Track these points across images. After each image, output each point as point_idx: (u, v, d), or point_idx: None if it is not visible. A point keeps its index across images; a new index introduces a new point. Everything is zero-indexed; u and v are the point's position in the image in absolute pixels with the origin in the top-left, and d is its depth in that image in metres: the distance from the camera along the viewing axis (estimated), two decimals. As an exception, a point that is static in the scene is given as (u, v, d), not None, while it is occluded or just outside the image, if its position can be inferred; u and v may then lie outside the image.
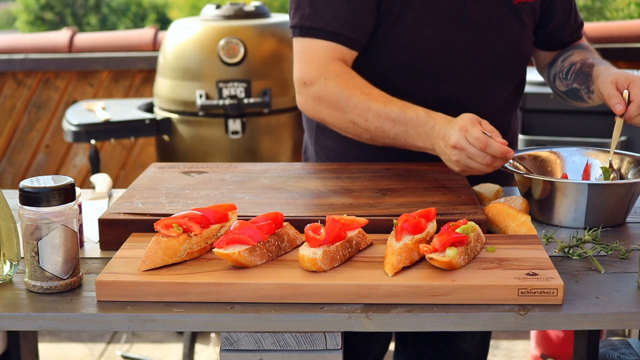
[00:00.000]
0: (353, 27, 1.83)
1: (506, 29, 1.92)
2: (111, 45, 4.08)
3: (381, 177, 1.78)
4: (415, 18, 1.84)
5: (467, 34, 1.88)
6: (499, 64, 1.93)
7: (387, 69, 1.89)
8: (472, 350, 2.11)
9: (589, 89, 1.91)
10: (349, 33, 1.82)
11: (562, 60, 2.03)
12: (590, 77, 1.91)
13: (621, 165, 1.79)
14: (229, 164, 1.92)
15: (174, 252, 1.33)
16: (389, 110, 1.75)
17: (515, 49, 1.95)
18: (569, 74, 1.99)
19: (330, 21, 1.82)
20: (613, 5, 8.95)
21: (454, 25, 1.87)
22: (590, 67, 1.93)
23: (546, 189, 1.65)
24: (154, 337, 3.60)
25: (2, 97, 4.09)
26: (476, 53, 1.89)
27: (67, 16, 14.88)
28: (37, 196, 1.29)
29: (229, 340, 1.28)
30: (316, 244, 1.32)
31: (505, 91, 1.98)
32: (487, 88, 1.94)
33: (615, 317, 1.24)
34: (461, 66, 1.90)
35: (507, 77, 1.98)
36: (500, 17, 1.90)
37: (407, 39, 1.85)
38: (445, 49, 1.87)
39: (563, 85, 2.02)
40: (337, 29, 1.81)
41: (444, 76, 1.90)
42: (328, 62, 1.81)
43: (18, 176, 4.14)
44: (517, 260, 1.34)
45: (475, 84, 1.92)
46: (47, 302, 1.29)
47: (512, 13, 1.91)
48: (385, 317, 1.23)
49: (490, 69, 1.93)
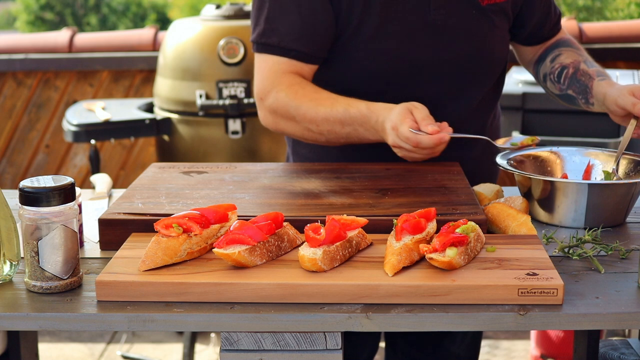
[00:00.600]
0: (307, 42, 1.84)
1: (475, 32, 1.90)
2: (111, 45, 4.08)
3: (381, 177, 1.78)
4: (376, 27, 1.83)
5: (433, 40, 1.86)
6: (469, 68, 1.92)
7: (353, 78, 1.89)
8: (462, 353, 2.10)
9: (588, 100, 1.92)
10: (303, 48, 1.84)
11: (552, 61, 2.02)
12: (589, 90, 1.91)
13: (621, 165, 1.79)
14: (229, 164, 1.92)
15: (174, 252, 1.33)
16: (335, 112, 1.80)
17: (487, 52, 1.93)
18: (561, 78, 1.98)
19: (284, 37, 1.84)
20: (613, 5, 8.96)
21: (418, 33, 1.85)
22: (588, 78, 1.92)
23: (546, 189, 1.65)
24: (154, 337, 3.60)
25: (2, 97, 4.09)
26: (444, 59, 1.88)
27: (67, 16, 14.88)
28: (37, 196, 1.29)
29: (229, 340, 1.28)
30: (316, 244, 1.32)
31: (479, 93, 1.97)
32: (458, 92, 1.93)
33: (615, 317, 1.24)
34: (429, 73, 1.88)
35: (480, 80, 1.96)
36: (467, 21, 1.88)
37: (371, 48, 1.85)
38: (410, 57, 1.86)
39: (556, 88, 2.01)
40: (291, 44, 1.84)
41: (411, 84, 1.89)
42: (280, 76, 1.85)
43: (18, 176, 4.14)
44: (517, 260, 1.34)
45: (445, 89, 1.91)
46: (47, 302, 1.29)
47: (481, 15, 1.89)
48: (385, 317, 1.23)
49: (461, 74, 1.91)
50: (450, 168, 1.85)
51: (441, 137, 1.69)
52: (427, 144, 1.68)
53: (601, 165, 1.81)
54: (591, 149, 1.86)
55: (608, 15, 9.03)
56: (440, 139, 1.69)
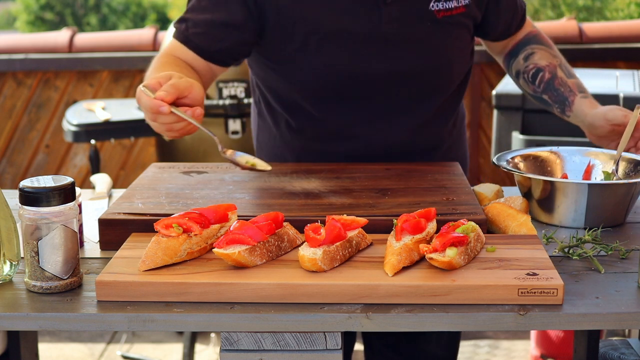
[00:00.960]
0: (210, 40, 1.82)
1: (430, 44, 1.87)
2: (111, 45, 4.08)
3: (381, 177, 1.78)
4: (326, 40, 1.82)
5: (386, 53, 1.84)
6: (425, 80, 1.90)
7: (307, 91, 1.88)
8: (440, 352, 2.09)
9: (564, 111, 1.95)
10: (202, 43, 1.82)
11: (525, 59, 2.02)
12: (568, 103, 1.93)
13: (621, 165, 1.79)
14: (229, 164, 1.92)
15: (174, 252, 1.33)
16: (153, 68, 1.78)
17: (444, 63, 1.91)
18: (536, 80, 1.98)
19: (190, 28, 1.83)
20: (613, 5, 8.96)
21: (370, 46, 1.83)
22: (568, 90, 1.94)
23: (546, 189, 1.65)
24: (154, 337, 3.60)
25: (2, 97, 4.09)
26: (398, 72, 1.86)
27: (67, 16, 14.88)
28: (37, 196, 1.29)
29: (229, 340, 1.28)
30: (316, 244, 1.32)
31: (436, 102, 1.95)
32: (414, 103, 1.92)
33: (615, 317, 1.24)
34: (382, 85, 1.87)
35: (438, 90, 1.94)
36: (422, 33, 1.86)
37: (320, 61, 1.83)
38: (362, 70, 1.84)
39: (530, 89, 2.02)
40: (193, 37, 1.82)
41: (364, 95, 1.88)
42: (166, 55, 1.82)
43: (18, 176, 4.14)
44: (517, 260, 1.34)
45: (400, 100, 1.90)
46: (47, 302, 1.29)
47: (437, 27, 1.86)
48: (385, 317, 1.23)
49: (416, 85, 1.90)
50: (450, 168, 1.86)
51: (157, 104, 1.53)
52: (144, 104, 1.55)
53: (601, 165, 1.81)
54: (591, 149, 1.86)
55: (608, 15, 9.03)
56: (157, 105, 1.52)
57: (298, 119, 1.94)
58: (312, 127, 1.94)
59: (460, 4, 1.87)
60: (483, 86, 4.02)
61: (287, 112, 1.95)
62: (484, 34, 2.03)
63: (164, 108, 1.53)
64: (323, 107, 1.90)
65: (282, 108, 1.96)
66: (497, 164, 1.76)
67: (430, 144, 1.99)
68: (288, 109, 1.95)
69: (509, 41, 2.07)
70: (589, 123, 1.88)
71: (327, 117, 1.91)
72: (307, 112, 1.91)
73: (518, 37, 2.06)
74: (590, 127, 1.88)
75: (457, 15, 1.88)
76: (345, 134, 1.92)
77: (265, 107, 2.02)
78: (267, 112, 2.02)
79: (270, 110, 2.00)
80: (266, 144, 2.06)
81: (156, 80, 1.58)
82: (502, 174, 4.01)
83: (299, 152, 1.97)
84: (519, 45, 2.05)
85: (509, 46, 2.07)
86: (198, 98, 1.59)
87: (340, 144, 1.93)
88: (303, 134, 1.96)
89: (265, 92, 1.98)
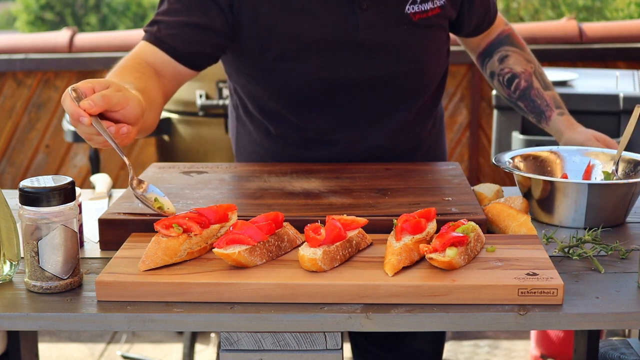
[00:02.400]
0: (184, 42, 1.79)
1: (408, 48, 1.87)
2: (111, 45, 4.08)
3: (381, 177, 1.78)
4: (302, 49, 1.81)
5: (363, 59, 1.83)
6: (403, 84, 1.90)
7: (285, 99, 1.88)
8: (427, 347, 2.09)
9: (540, 122, 2.02)
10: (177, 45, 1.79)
11: (500, 61, 2.04)
12: (545, 117, 2.00)
13: (621, 165, 1.79)
14: (229, 164, 1.92)
15: (174, 252, 1.33)
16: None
17: (422, 65, 1.91)
18: (512, 85, 2.01)
19: (163, 30, 1.79)
20: (613, 5, 8.95)
21: (346, 52, 1.82)
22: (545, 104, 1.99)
23: (546, 189, 1.65)
24: (154, 337, 3.60)
25: (2, 97, 4.09)
26: (376, 77, 1.86)
27: (67, 16, 14.88)
28: (37, 196, 1.29)
29: (229, 340, 1.28)
30: (316, 244, 1.32)
31: (415, 105, 1.95)
32: (392, 107, 1.92)
33: (615, 317, 1.24)
34: (360, 91, 1.87)
35: (416, 92, 1.94)
36: (399, 37, 1.85)
37: (298, 71, 1.83)
38: (339, 77, 1.84)
39: (504, 92, 2.05)
40: (166, 38, 1.79)
41: (342, 101, 1.88)
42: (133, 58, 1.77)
43: (18, 176, 4.14)
44: (517, 260, 1.34)
45: (378, 106, 1.90)
46: (47, 302, 1.29)
47: (413, 30, 1.85)
48: (385, 317, 1.23)
49: (396, 89, 1.90)
50: (450, 168, 1.86)
51: (79, 113, 1.39)
52: (67, 108, 1.41)
53: (601, 165, 1.81)
54: (591, 149, 1.86)
55: (608, 15, 9.02)
56: (77, 114, 1.39)
57: (277, 125, 1.94)
58: (292, 134, 1.93)
59: (435, 5, 1.87)
60: (483, 86, 4.02)
61: (266, 119, 1.95)
62: (457, 31, 2.04)
63: (84, 119, 1.40)
64: (302, 114, 1.89)
65: (261, 115, 1.95)
66: (497, 164, 1.76)
67: (411, 146, 1.99)
68: (267, 116, 1.94)
69: (482, 38, 2.09)
70: (564, 144, 1.95)
71: (307, 124, 1.90)
72: (286, 119, 1.91)
73: (491, 36, 2.08)
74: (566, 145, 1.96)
75: (433, 16, 1.87)
76: (325, 139, 1.93)
77: (244, 112, 2.01)
78: (245, 118, 2.01)
79: (249, 116, 2.00)
80: (245, 148, 2.05)
81: (90, 84, 1.44)
82: (502, 174, 4.01)
83: (280, 158, 1.97)
84: (492, 45, 2.07)
85: (483, 45, 2.09)
86: (130, 116, 1.45)
87: (320, 150, 1.93)
88: (282, 140, 1.95)
89: (245, 99, 1.98)
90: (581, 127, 1.97)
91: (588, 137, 1.92)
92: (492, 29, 2.08)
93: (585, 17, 9.16)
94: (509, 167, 1.75)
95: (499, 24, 2.09)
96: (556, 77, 3.10)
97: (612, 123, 2.91)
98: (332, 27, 1.81)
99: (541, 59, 2.33)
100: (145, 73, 1.72)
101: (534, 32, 4.08)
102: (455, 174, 1.80)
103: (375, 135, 1.93)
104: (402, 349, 2.08)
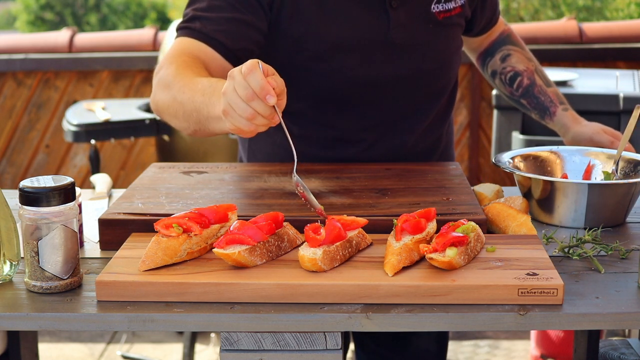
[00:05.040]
0: (231, 38, 1.77)
1: (433, 47, 1.89)
2: (111, 45, 4.08)
3: (381, 177, 1.78)
4: (335, 50, 1.81)
5: (393, 58, 1.85)
6: (429, 83, 1.92)
7: (311, 98, 1.88)
8: (432, 347, 2.09)
9: (544, 118, 2.04)
10: (225, 40, 1.77)
11: (502, 60, 2.06)
12: (549, 113, 2.01)
13: (621, 165, 1.79)
14: (229, 164, 1.92)
15: (174, 252, 1.33)
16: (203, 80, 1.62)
17: (445, 65, 1.93)
18: (514, 83, 2.03)
19: (207, 25, 1.77)
20: (613, 5, 8.95)
21: (377, 51, 1.84)
22: (549, 101, 2.01)
23: (546, 189, 1.65)
24: (154, 337, 3.60)
25: (2, 97, 4.09)
26: (403, 76, 1.87)
27: (67, 16, 14.87)
28: (37, 196, 1.29)
29: (229, 340, 1.28)
30: (316, 244, 1.32)
31: (437, 103, 1.97)
32: (418, 108, 1.93)
33: (615, 317, 1.24)
34: (389, 91, 1.88)
35: (438, 93, 1.96)
36: (426, 37, 1.87)
37: (329, 69, 1.83)
38: (369, 77, 1.85)
39: (506, 90, 2.07)
40: (213, 34, 1.76)
41: (369, 102, 1.88)
42: (184, 54, 1.76)
43: (18, 176, 4.14)
44: (517, 260, 1.34)
45: (403, 106, 1.91)
46: (47, 302, 1.29)
47: (439, 29, 1.88)
48: (385, 317, 1.23)
49: (420, 89, 1.91)
50: (450, 168, 1.86)
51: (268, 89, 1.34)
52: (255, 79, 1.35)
53: (601, 165, 1.81)
54: (591, 149, 1.86)
55: (608, 15, 9.01)
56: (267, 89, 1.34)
57: (301, 125, 1.93)
58: (316, 134, 1.93)
59: (457, 4, 1.91)
60: (483, 86, 4.02)
61: (290, 119, 1.94)
62: (467, 30, 2.05)
63: (272, 99, 1.35)
64: (328, 114, 1.89)
65: (284, 115, 1.94)
66: (497, 164, 1.76)
67: (430, 145, 2.00)
68: (290, 116, 1.93)
69: (485, 38, 2.12)
70: (571, 138, 1.96)
71: (332, 123, 1.90)
72: (311, 119, 1.90)
73: (493, 36, 2.11)
74: (572, 141, 1.97)
75: (455, 15, 1.91)
76: (349, 139, 1.92)
77: None
78: None
79: None
80: (262, 150, 2.04)
81: (267, 66, 1.39)
82: (502, 174, 4.01)
83: (302, 158, 1.95)
84: (495, 45, 2.10)
85: (485, 44, 2.12)
86: (284, 104, 1.43)
87: (344, 149, 1.93)
88: (306, 140, 1.94)
89: None
90: (586, 122, 1.98)
91: (596, 130, 1.93)
92: (494, 28, 2.11)
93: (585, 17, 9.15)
94: (509, 167, 1.75)
95: (500, 24, 2.12)
96: (556, 77, 3.10)
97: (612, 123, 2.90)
98: (365, 26, 1.82)
99: (541, 59, 2.33)
100: (202, 69, 1.71)
101: (534, 32, 4.08)
102: (455, 174, 1.80)
103: (399, 135, 1.93)
104: (409, 349, 2.08)
